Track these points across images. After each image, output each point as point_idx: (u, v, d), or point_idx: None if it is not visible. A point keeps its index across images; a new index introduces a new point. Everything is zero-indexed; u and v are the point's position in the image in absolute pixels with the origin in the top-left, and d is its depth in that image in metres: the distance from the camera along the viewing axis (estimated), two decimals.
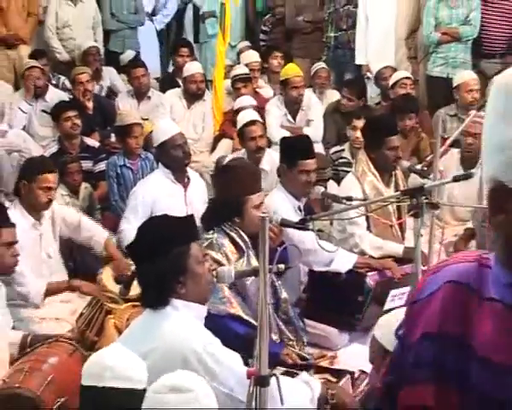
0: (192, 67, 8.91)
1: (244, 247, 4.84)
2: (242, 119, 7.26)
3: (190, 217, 3.98)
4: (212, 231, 4.84)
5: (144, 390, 2.85)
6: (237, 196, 4.92)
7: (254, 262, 4.71)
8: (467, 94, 7.91)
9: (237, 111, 7.91)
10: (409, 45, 9.77)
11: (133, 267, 5.54)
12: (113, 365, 3.03)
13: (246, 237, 4.86)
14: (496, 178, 1.60)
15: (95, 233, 6.08)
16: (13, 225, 4.84)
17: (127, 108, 8.80)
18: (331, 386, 3.98)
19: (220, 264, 4.56)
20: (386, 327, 2.89)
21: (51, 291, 5.61)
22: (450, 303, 1.70)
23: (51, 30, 10.12)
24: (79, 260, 6.35)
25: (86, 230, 6.08)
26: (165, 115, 8.47)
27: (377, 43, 9.64)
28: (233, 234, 4.86)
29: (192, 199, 6.37)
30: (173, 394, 2.59)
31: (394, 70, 8.92)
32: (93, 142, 8.07)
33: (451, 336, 1.68)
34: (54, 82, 9.37)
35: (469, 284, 1.70)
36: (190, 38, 11.04)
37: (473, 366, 1.64)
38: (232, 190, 5.02)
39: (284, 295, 4.89)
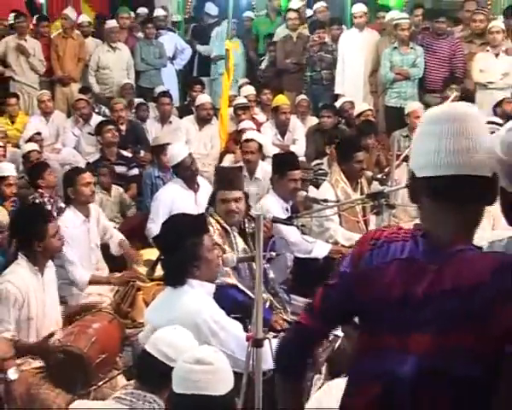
0: (202, 98, 8.91)
1: (229, 229, 4.77)
2: (244, 137, 7.30)
3: (202, 215, 3.96)
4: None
5: None
6: (213, 191, 4.93)
7: (240, 243, 4.68)
8: (415, 119, 7.88)
9: (240, 131, 7.95)
10: (371, 82, 9.73)
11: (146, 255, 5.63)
12: (159, 337, 3.01)
13: (224, 224, 4.78)
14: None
15: (112, 235, 6.12)
16: (55, 219, 4.82)
17: (155, 131, 8.81)
18: None
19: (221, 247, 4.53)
20: None
21: (93, 282, 5.60)
22: (401, 274, 1.78)
23: (90, 72, 10.13)
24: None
25: (108, 233, 6.12)
26: (182, 137, 8.48)
27: (351, 79, 9.63)
28: (218, 218, 4.78)
29: (201, 201, 6.31)
30: (198, 365, 2.55)
31: (352, 104, 8.87)
32: (127, 153, 8.15)
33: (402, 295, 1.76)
34: (96, 110, 9.36)
35: (412, 256, 1.79)
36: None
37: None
38: (214, 185, 5.03)
39: (272, 275, 4.84)
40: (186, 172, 6.43)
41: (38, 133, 8.21)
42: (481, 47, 9.01)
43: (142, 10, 11.43)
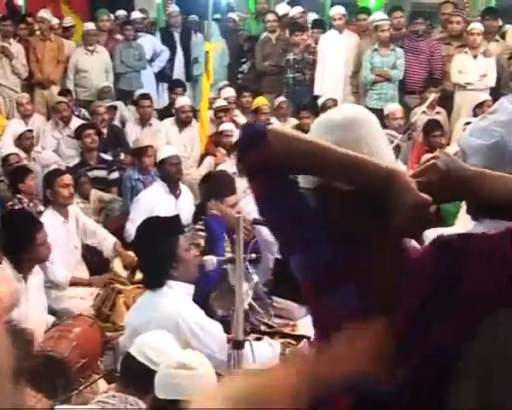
0: (182, 101, 8.91)
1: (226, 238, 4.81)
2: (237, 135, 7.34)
3: (176, 216, 3.99)
4: (199, 225, 4.81)
5: None
6: (216, 198, 4.91)
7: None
8: (393, 121, 7.95)
9: (221, 133, 8.05)
10: (353, 83, 9.76)
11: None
12: (144, 341, 3.01)
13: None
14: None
15: (106, 238, 6.07)
16: (42, 226, 4.80)
17: (135, 134, 8.78)
18: (289, 346, 3.99)
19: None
20: None
21: (74, 283, 5.60)
22: None
23: (69, 75, 10.09)
24: (95, 252, 6.29)
25: (99, 236, 6.10)
26: (162, 139, 8.47)
27: (330, 80, 9.63)
28: None
29: (181, 207, 6.34)
30: (181, 370, 2.54)
31: (335, 102, 8.90)
32: (107, 156, 8.12)
33: None
34: (76, 113, 9.30)
35: None
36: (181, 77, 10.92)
37: None
38: (212, 193, 5.01)
39: (256, 279, 4.85)
40: (171, 169, 6.43)
41: (30, 130, 8.20)
42: (458, 49, 9.08)
43: (121, 12, 11.38)
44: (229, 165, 7.18)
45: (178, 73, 10.94)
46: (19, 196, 6.40)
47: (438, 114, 8.53)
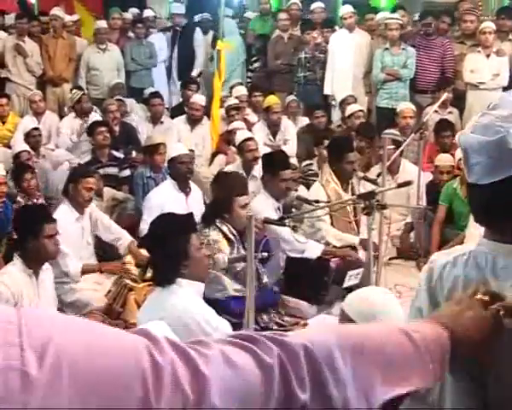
0: (194, 98, 8.95)
1: (234, 239, 4.82)
2: (241, 136, 7.27)
3: (190, 214, 3.99)
4: (208, 230, 4.81)
5: None
6: (227, 197, 4.92)
7: (243, 251, 4.69)
8: (402, 119, 7.93)
9: (230, 132, 7.99)
10: (365, 83, 9.74)
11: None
12: None
13: (234, 231, 4.83)
14: None
15: (121, 237, 6.05)
16: (54, 221, 4.74)
17: (147, 132, 8.78)
18: None
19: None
20: (352, 301, 2.79)
21: (86, 271, 5.60)
22: None
23: (81, 73, 10.11)
24: (108, 250, 6.29)
25: (115, 233, 6.07)
26: (174, 137, 8.46)
27: (340, 79, 9.62)
28: (224, 229, 4.83)
29: (191, 205, 6.32)
30: None
31: (355, 99, 8.92)
32: (119, 154, 8.10)
33: None
34: None
35: None
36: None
37: None
38: (223, 192, 5.02)
39: (266, 279, 4.85)
40: (181, 167, 6.43)
41: (36, 128, 8.22)
42: (472, 48, 9.04)
43: (133, 10, 11.39)
44: (237, 165, 7.19)
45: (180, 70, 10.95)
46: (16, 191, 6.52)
47: (450, 114, 8.51)
